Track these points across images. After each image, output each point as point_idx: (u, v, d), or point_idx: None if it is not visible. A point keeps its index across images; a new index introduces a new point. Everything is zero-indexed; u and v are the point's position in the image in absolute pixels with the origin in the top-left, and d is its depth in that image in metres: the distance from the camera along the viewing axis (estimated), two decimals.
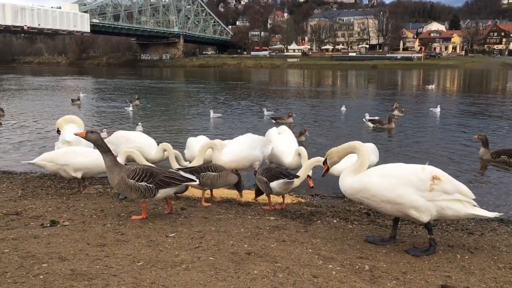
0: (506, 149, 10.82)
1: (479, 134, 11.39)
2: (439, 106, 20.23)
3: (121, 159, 7.02)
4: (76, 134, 5.49)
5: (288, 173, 6.20)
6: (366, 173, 4.73)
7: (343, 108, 20.75)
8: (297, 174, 6.33)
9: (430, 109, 20.63)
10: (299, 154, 7.52)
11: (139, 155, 6.98)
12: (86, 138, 5.37)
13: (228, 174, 6.48)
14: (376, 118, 16.60)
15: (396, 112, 18.80)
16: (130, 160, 7.29)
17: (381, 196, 4.56)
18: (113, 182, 5.32)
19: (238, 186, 6.83)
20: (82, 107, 23.07)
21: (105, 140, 8.82)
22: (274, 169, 6.32)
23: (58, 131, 8.87)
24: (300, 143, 12.50)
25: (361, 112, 19.15)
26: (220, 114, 19.07)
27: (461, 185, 4.61)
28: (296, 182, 6.17)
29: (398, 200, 4.49)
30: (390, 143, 13.18)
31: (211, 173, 6.28)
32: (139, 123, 14.86)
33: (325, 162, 5.21)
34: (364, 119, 16.52)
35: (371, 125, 15.82)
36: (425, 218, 4.51)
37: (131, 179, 5.25)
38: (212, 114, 18.61)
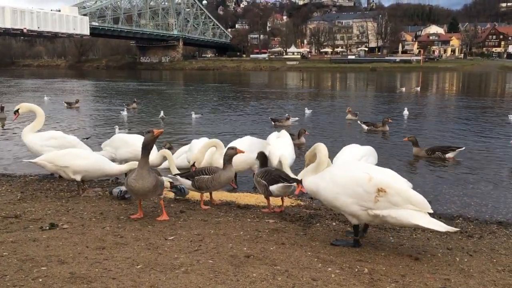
0: (440, 146, 11.41)
1: (408, 136, 11.88)
2: (406, 108, 20.49)
3: (126, 168, 7.01)
4: (156, 134, 5.37)
5: (288, 176, 6.16)
6: (322, 175, 4.86)
7: (307, 111, 20.88)
8: (298, 177, 6.31)
9: (404, 113, 20.58)
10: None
11: None
12: (156, 136, 5.40)
13: (221, 175, 6.30)
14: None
15: (348, 116, 18.98)
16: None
17: (328, 203, 4.83)
18: (149, 182, 5.35)
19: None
20: (80, 111, 23.03)
21: (104, 143, 8.90)
22: (274, 172, 6.24)
23: (16, 112, 8.54)
24: (300, 145, 12.73)
25: (370, 116, 19.78)
26: (200, 115, 19.65)
27: (415, 196, 4.47)
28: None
29: (342, 209, 4.69)
30: (383, 145, 13.31)
31: (204, 176, 6.25)
32: (116, 126, 14.89)
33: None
34: (358, 122, 16.71)
35: (365, 127, 16.01)
36: (355, 222, 4.71)
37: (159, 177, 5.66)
38: (193, 115, 19.13)
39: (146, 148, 5.38)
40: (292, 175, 6.47)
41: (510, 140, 11.82)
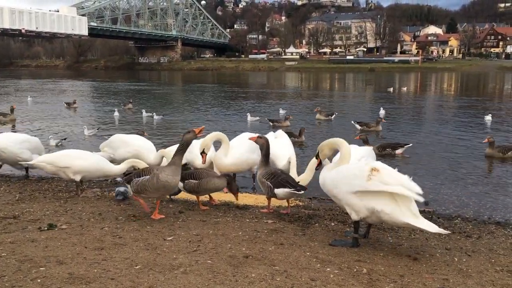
0: (389, 143, 12.23)
1: (359, 134, 12.46)
2: (382, 108, 20.86)
3: (124, 167, 7.00)
4: (198, 133, 5.63)
5: (294, 182, 6.00)
6: (330, 170, 5.03)
7: (281, 111, 21.01)
8: (300, 178, 6.29)
9: (380, 112, 20.76)
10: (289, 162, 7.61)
11: (144, 166, 6.87)
12: (197, 136, 5.62)
13: (209, 182, 6.16)
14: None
15: (318, 116, 18.99)
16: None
17: (329, 191, 4.96)
18: (177, 180, 5.55)
19: (230, 188, 6.49)
20: (78, 111, 23.10)
21: (103, 144, 8.86)
22: (281, 176, 6.05)
23: None
24: (301, 143, 13.07)
25: (351, 116, 20.02)
26: (162, 116, 19.36)
27: (407, 180, 4.55)
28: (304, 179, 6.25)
29: (338, 196, 4.82)
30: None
31: (192, 181, 6.20)
32: (85, 127, 14.91)
33: (317, 156, 5.46)
34: (352, 122, 16.85)
35: (358, 127, 16.17)
36: (354, 216, 4.76)
37: None
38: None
39: (184, 147, 5.53)
40: (297, 178, 6.44)
41: (483, 140, 12.09)
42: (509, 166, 10.59)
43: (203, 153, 6.93)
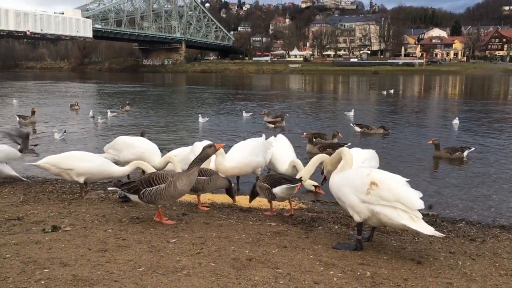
0: (329, 143, 12.88)
1: (306, 133, 13.05)
2: (352, 110, 21.17)
3: (129, 169, 7.01)
4: (220, 147, 5.78)
5: (291, 178, 6.18)
6: (337, 174, 5.18)
7: (245, 114, 21.13)
8: (300, 175, 6.33)
9: (345, 113, 21.18)
10: (294, 166, 7.66)
11: (149, 168, 6.88)
12: (217, 150, 5.73)
13: (218, 178, 6.40)
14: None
15: (266, 118, 18.72)
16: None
17: (334, 194, 5.12)
18: (189, 189, 5.62)
19: (229, 192, 6.61)
20: (79, 112, 23.17)
21: (107, 145, 8.88)
22: (276, 175, 6.30)
23: None
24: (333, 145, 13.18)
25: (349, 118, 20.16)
26: (207, 118, 19.25)
27: (406, 196, 4.53)
28: (307, 184, 6.29)
29: (342, 199, 4.93)
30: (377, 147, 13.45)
31: (201, 177, 6.24)
32: (55, 130, 14.90)
33: (322, 172, 5.64)
34: (351, 124, 16.91)
35: (358, 129, 16.17)
36: (357, 218, 4.81)
37: None
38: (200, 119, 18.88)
39: (203, 160, 5.59)
40: (298, 175, 6.50)
41: (428, 141, 12.35)
42: None
43: None
